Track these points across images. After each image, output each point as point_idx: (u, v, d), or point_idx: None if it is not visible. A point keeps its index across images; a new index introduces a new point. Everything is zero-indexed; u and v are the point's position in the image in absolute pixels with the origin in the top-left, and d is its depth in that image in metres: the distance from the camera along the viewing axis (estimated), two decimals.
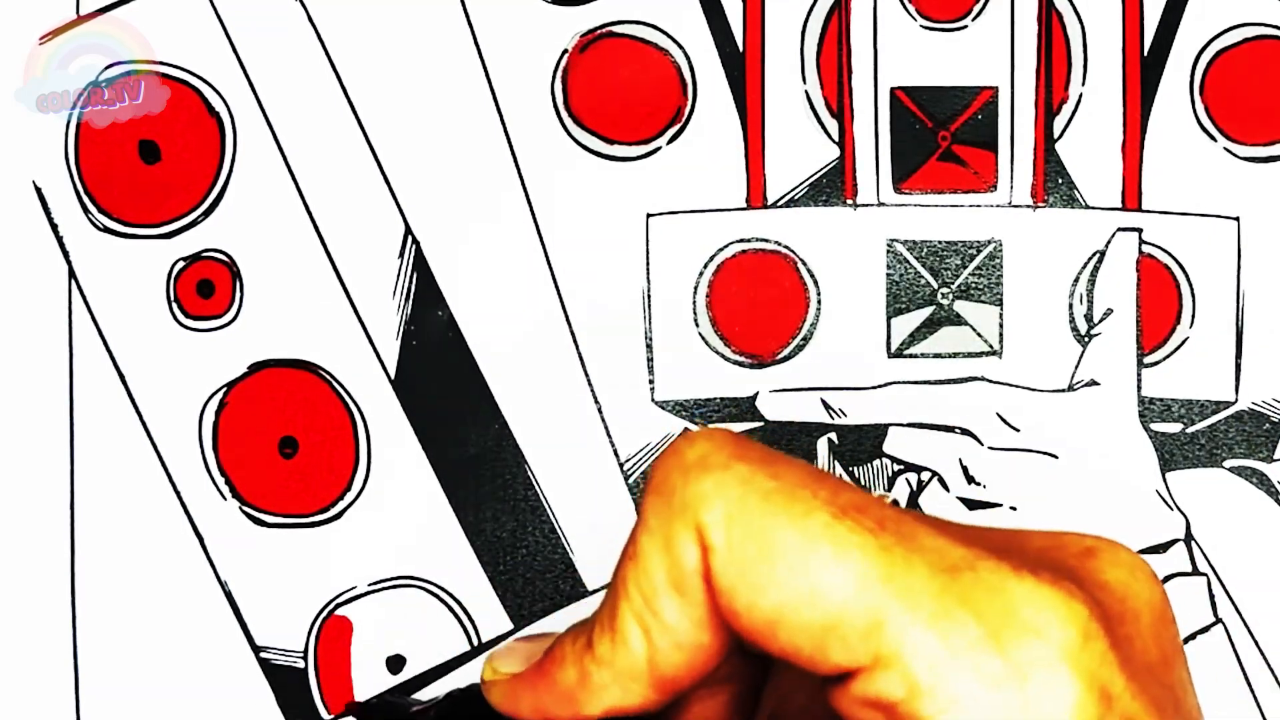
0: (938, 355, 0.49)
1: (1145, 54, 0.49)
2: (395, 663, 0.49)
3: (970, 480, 0.48)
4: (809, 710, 0.32)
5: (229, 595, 0.49)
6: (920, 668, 0.29)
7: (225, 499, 0.49)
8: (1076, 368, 0.49)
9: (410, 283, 0.49)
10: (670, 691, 0.33)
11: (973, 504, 0.49)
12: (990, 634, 0.29)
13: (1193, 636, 0.48)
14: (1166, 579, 0.49)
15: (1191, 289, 0.49)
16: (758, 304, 0.49)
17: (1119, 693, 0.30)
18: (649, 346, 0.49)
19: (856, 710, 0.30)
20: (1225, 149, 0.49)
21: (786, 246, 0.49)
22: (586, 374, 0.49)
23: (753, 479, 0.31)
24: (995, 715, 0.29)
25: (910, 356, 0.49)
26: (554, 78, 0.49)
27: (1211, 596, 0.49)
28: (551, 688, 0.34)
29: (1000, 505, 0.48)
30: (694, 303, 0.49)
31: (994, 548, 0.31)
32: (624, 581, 0.32)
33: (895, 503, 0.37)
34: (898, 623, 0.29)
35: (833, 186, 0.49)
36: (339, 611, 0.49)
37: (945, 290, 0.49)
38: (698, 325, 0.49)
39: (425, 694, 0.48)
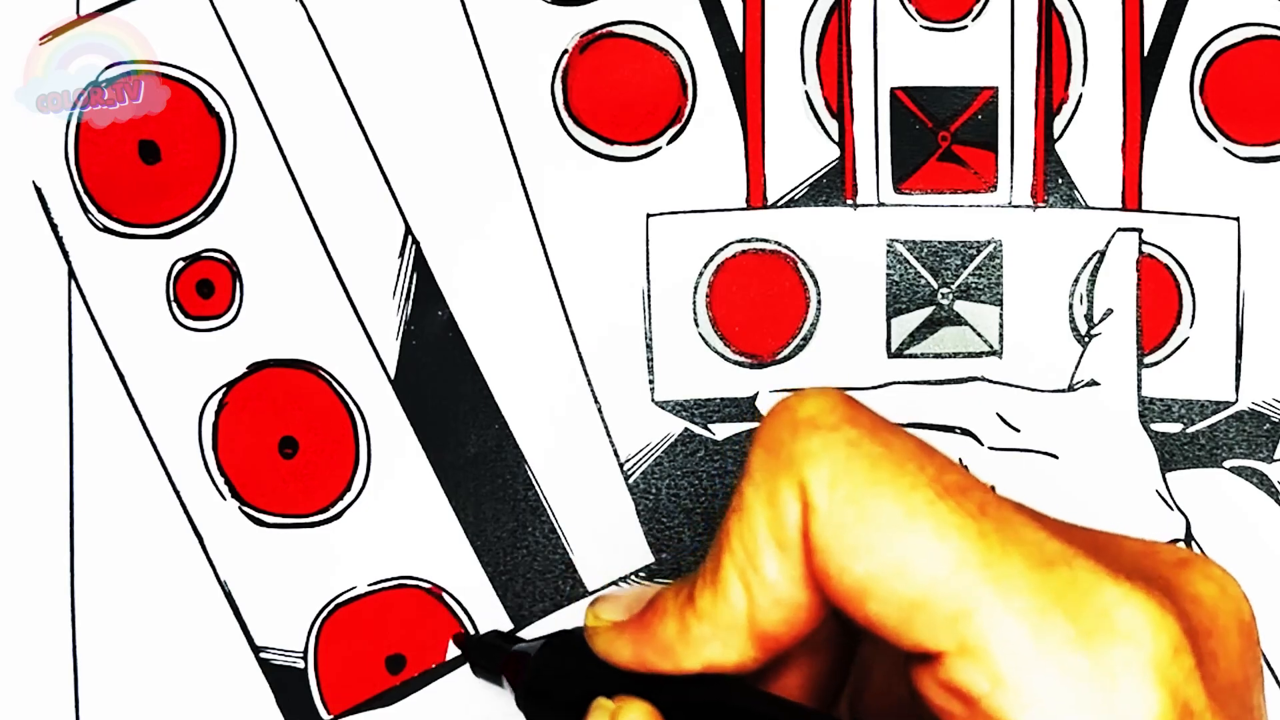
0: (938, 355, 0.49)
1: (1145, 54, 0.49)
2: (395, 663, 0.49)
3: None
4: (889, 690, 0.32)
5: (229, 595, 0.49)
6: (1007, 661, 0.29)
7: (225, 499, 0.49)
8: (1076, 368, 0.49)
9: (410, 283, 0.49)
10: (769, 649, 0.33)
11: None
12: (1081, 634, 0.29)
13: None
14: None
15: (1191, 289, 0.49)
16: (758, 304, 0.49)
17: (1200, 710, 0.29)
18: (649, 346, 0.49)
19: (936, 695, 0.30)
20: (1225, 149, 0.49)
21: (786, 246, 0.49)
22: (586, 374, 0.49)
23: (861, 443, 0.31)
24: (1078, 714, 0.29)
25: (910, 356, 0.49)
26: (554, 78, 0.49)
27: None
28: (652, 639, 0.34)
29: None
30: (694, 303, 0.49)
31: (1090, 548, 0.31)
32: (728, 534, 0.32)
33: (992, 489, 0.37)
34: (989, 612, 0.29)
35: (833, 186, 0.49)
36: (339, 611, 0.49)
37: (945, 290, 0.49)
38: (698, 325, 0.49)
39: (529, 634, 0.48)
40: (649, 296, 0.49)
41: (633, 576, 0.49)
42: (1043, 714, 0.29)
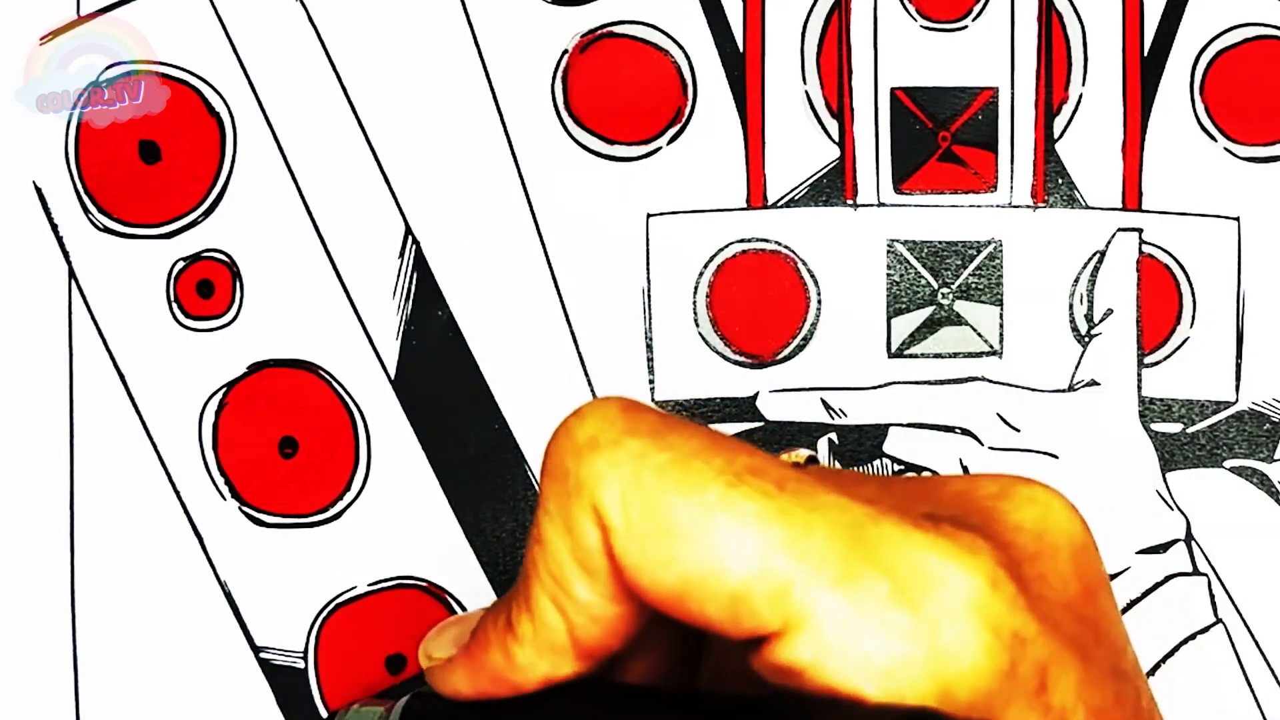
0: (938, 355, 0.49)
1: (1145, 54, 0.49)
2: (395, 663, 0.49)
3: None
4: (747, 672, 0.32)
5: (229, 595, 0.49)
6: (830, 629, 0.29)
7: (225, 499, 0.49)
8: (1076, 368, 0.49)
9: (410, 283, 0.49)
10: (598, 658, 0.33)
11: None
12: (896, 590, 0.29)
13: (1192, 637, 0.48)
14: (1166, 579, 0.49)
15: (1191, 289, 0.49)
16: (758, 304, 0.49)
17: (1032, 635, 0.29)
18: (649, 346, 0.49)
19: (772, 674, 0.30)
20: (1225, 149, 0.49)
21: (786, 246, 0.49)
22: (586, 374, 0.49)
23: (645, 454, 0.31)
24: (907, 672, 0.29)
25: (910, 356, 0.49)
26: (554, 78, 0.49)
27: (1211, 596, 0.49)
28: (483, 668, 0.34)
29: None
30: (694, 303, 0.49)
31: (900, 501, 0.31)
32: (534, 564, 0.33)
33: (813, 459, 0.36)
34: (803, 587, 0.29)
35: (833, 186, 0.49)
36: (339, 611, 0.49)
37: (945, 290, 0.49)
38: (698, 325, 0.49)
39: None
40: (649, 296, 0.49)
41: None
42: (869, 672, 0.29)
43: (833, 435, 0.49)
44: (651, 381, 0.49)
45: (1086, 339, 0.49)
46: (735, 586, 0.30)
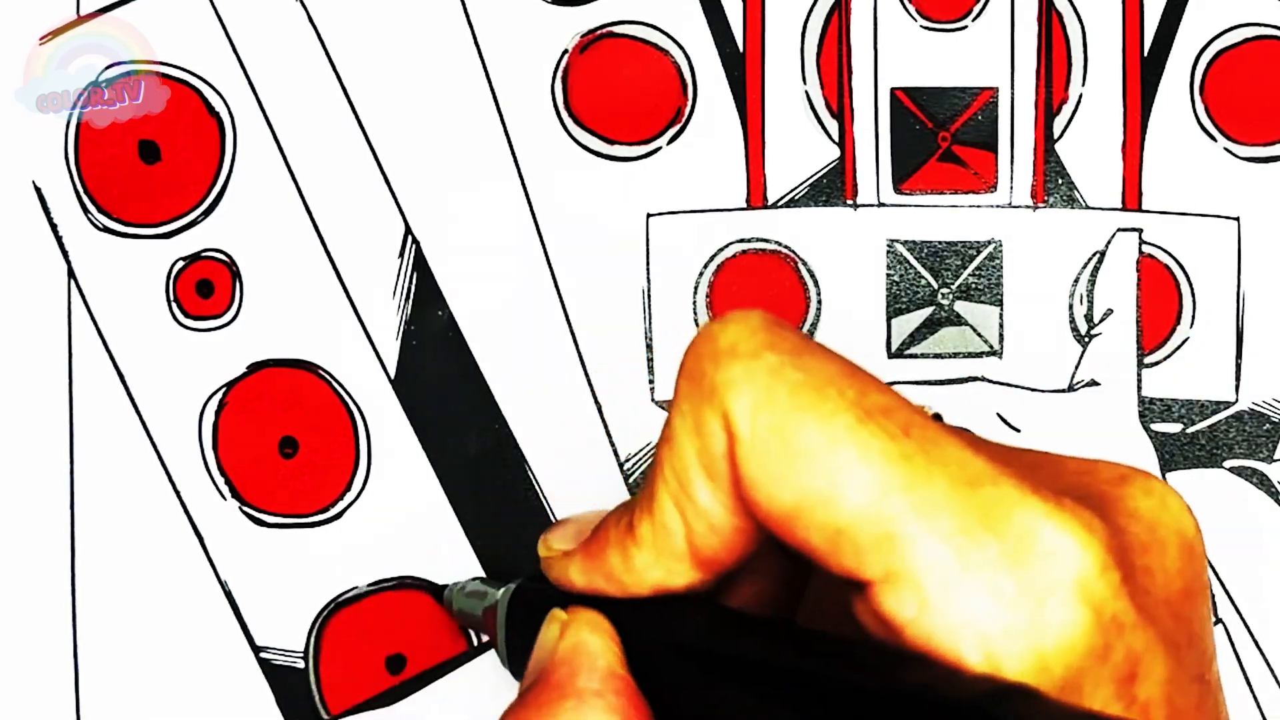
0: (938, 355, 0.49)
1: (1145, 54, 0.49)
2: (395, 663, 0.49)
3: None
4: (845, 616, 0.32)
5: (229, 595, 0.49)
6: (934, 585, 0.29)
7: (225, 499, 0.49)
8: (1076, 368, 0.49)
9: (410, 283, 0.49)
10: (712, 571, 0.33)
11: None
12: (1006, 554, 0.29)
13: None
14: None
15: (1191, 289, 0.49)
16: (758, 304, 0.49)
17: (1130, 624, 0.29)
18: (649, 346, 0.49)
19: (870, 620, 0.30)
20: (1225, 149, 0.49)
21: (786, 246, 0.49)
22: (586, 374, 0.49)
23: (782, 370, 0.31)
24: (1009, 639, 0.29)
25: (910, 356, 0.49)
26: (554, 78, 0.49)
27: (1211, 596, 0.49)
28: (600, 566, 0.34)
29: None
30: (694, 303, 0.49)
31: (1023, 468, 0.30)
32: (660, 464, 0.32)
33: (937, 416, 0.36)
34: (912, 536, 0.29)
35: (833, 187, 0.49)
36: (339, 612, 0.49)
37: (945, 290, 0.49)
38: (698, 325, 0.49)
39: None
40: (649, 296, 0.49)
41: None
42: (969, 637, 0.29)
43: None
44: (651, 382, 0.49)
45: (1086, 339, 0.49)
46: (846, 518, 0.30)
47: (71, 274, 0.49)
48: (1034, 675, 0.28)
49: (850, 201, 0.49)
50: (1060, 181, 0.49)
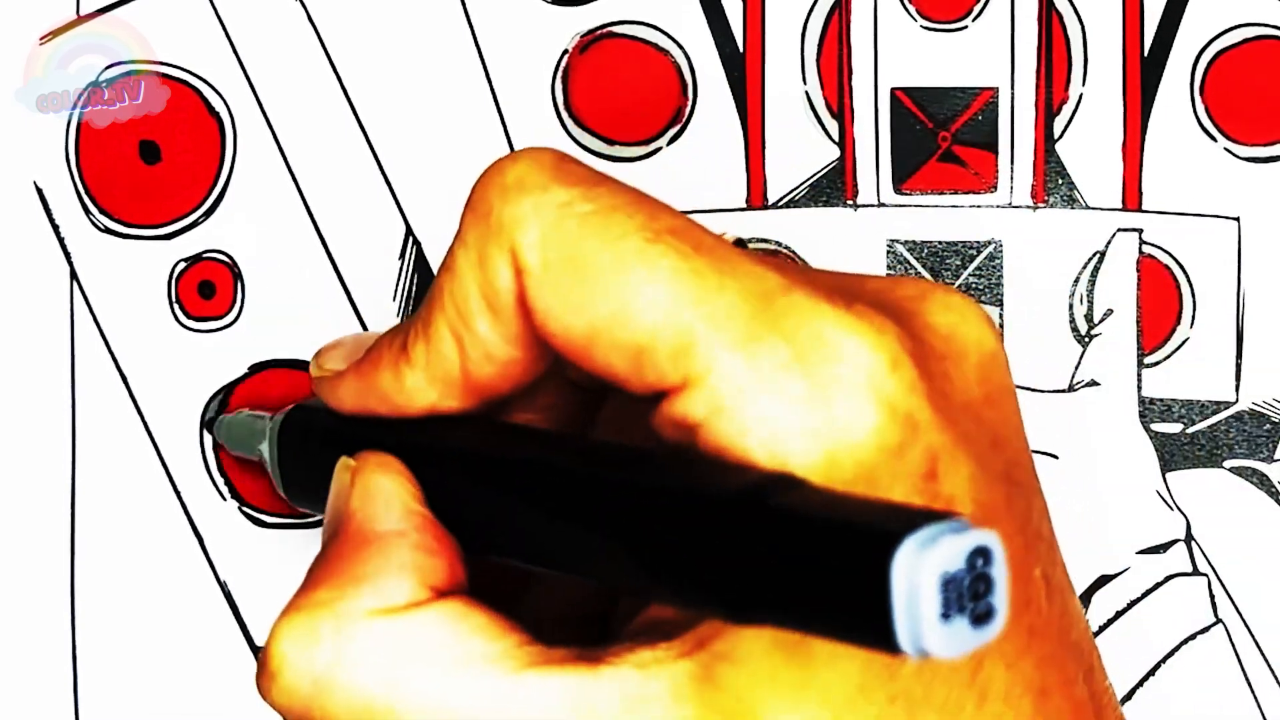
0: None
1: (1145, 54, 0.49)
2: None
3: None
4: (644, 433, 0.32)
5: (229, 595, 0.49)
6: (726, 389, 0.29)
7: (225, 499, 0.49)
8: (1076, 368, 0.49)
9: (410, 283, 0.49)
10: (484, 397, 0.33)
11: None
12: (796, 357, 0.29)
13: (1193, 637, 0.49)
14: (1166, 579, 0.49)
15: (1191, 289, 0.49)
16: None
17: (925, 422, 0.30)
18: None
19: (666, 428, 0.30)
20: (1225, 149, 0.49)
21: (786, 247, 0.49)
22: None
23: (570, 202, 0.31)
24: (797, 437, 0.29)
25: None
26: (554, 78, 0.49)
27: (1211, 596, 0.49)
28: (371, 387, 0.34)
29: None
30: None
31: (818, 282, 0.31)
32: (440, 292, 0.33)
33: (739, 242, 0.36)
34: (706, 344, 0.29)
35: (833, 187, 0.49)
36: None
37: None
38: None
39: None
40: None
41: None
42: (761, 437, 0.29)
43: None
44: None
45: (1086, 339, 0.49)
46: (641, 336, 0.30)
47: (73, 275, 0.49)
48: (823, 472, 0.29)
49: (850, 202, 0.49)
50: (1060, 181, 0.49)
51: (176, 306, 0.49)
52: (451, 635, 0.31)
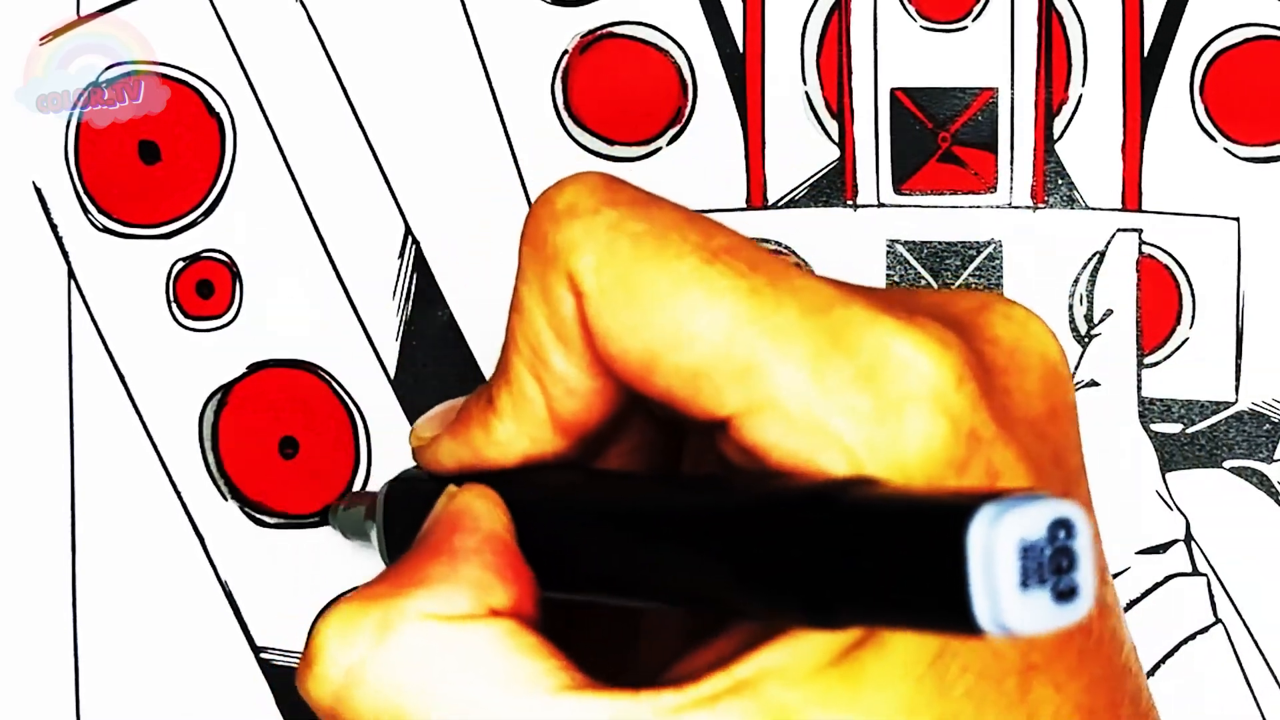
0: None
1: (1145, 54, 0.49)
2: None
3: None
4: (720, 463, 0.32)
5: (229, 595, 0.49)
6: (794, 408, 0.29)
7: (225, 499, 0.49)
8: (1076, 368, 0.49)
9: (410, 283, 0.49)
10: (575, 435, 0.33)
11: None
12: (861, 373, 0.29)
13: (1192, 637, 0.49)
14: (1166, 579, 0.49)
15: (1191, 289, 0.49)
16: None
17: (989, 438, 0.29)
18: None
19: (737, 456, 0.30)
20: (1225, 149, 0.49)
21: (786, 247, 0.49)
22: None
23: (621, 224, 0.31)
24: (867, 453, 0.29)
25: None
26: (554, 78, 0.49)
27: (1211, 596, 0.49)
28: (465, 444, 0.34)
29: None
30: None
31: (876, 296, 0.30)
32: (512, 335, 0.33)
33: (785, 249, 0.36)
34: (768, 364, 0.29)
35: (833, 187, 0.49)
36: None
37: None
38: None
39: None
40: None
41: None
42: (835, 456, 0.29)
43: None
44: None
45: (1086, 339, 0.49)
46: (701, 358, 0.30)
47: (71, 274, 0.49)
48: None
49: (850, 202, 0.49)
50: (1060, 182, 0.49)
51: (175, 306, 0.49)
52: (497, 651, 0.30)
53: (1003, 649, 0.30)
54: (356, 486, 0.49)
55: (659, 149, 0.49)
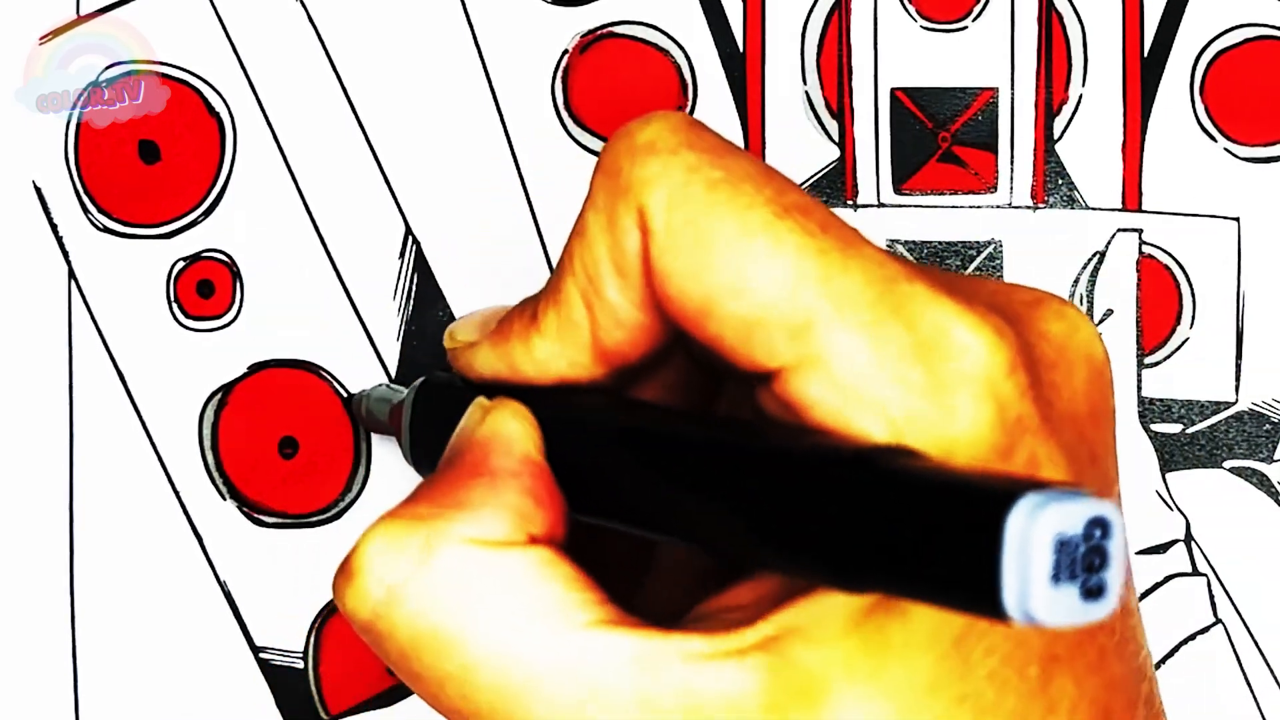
0: None
1: (1145, 54, 0.49)
2: None
3: None
4: (756, 414, 0.32)
5: (228, 595, 0.49)
6: (844, 371, 0.29)
7: (225, 499, 0.49)
8: None
9: (410, 283, 0.49)
10: (613, 365, 0.33)
11: None
12: (916, 347, 0.29)
13: (1192, 637, 0.49)
14: (1166, 579, 0.49)
15: (1191, 289, 0.49)
16: None
17: (1033, 428, 0.29)
18: None
19: (776, 409, 0.30)
20: (1225, 149, 0.49)
21: None
22: None
23: (699, 167, 0.31)
24: (912, 424, 0.29)
25: None
26: (554, 78, 0.49)
27: (1211, 596, 0.49)
28: (503, 356, 0.34)
29: None
30: None
31: (935, 277, 0.30)
32: (570, 257, 0.33)
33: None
34: (826, 324, 0.29)
35: (833, 187, 0.49)
36: (339, 612, 0.49)
37: None
38: None
39: None
40: None
41: None
42: (877, 423, 0.29)
43: None
44: None
45: None
46: (758, 309, 0.30)
47: (71, 274, 0.49)
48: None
49: (850, 202, 0.49)
50: (1060, 182, 0.49)
51: (175, 306, 0.49)
52: (535, 580, 0.31)
53: (1028, 637, 0.30)
54: (355, 487, 0.49)
55: None
